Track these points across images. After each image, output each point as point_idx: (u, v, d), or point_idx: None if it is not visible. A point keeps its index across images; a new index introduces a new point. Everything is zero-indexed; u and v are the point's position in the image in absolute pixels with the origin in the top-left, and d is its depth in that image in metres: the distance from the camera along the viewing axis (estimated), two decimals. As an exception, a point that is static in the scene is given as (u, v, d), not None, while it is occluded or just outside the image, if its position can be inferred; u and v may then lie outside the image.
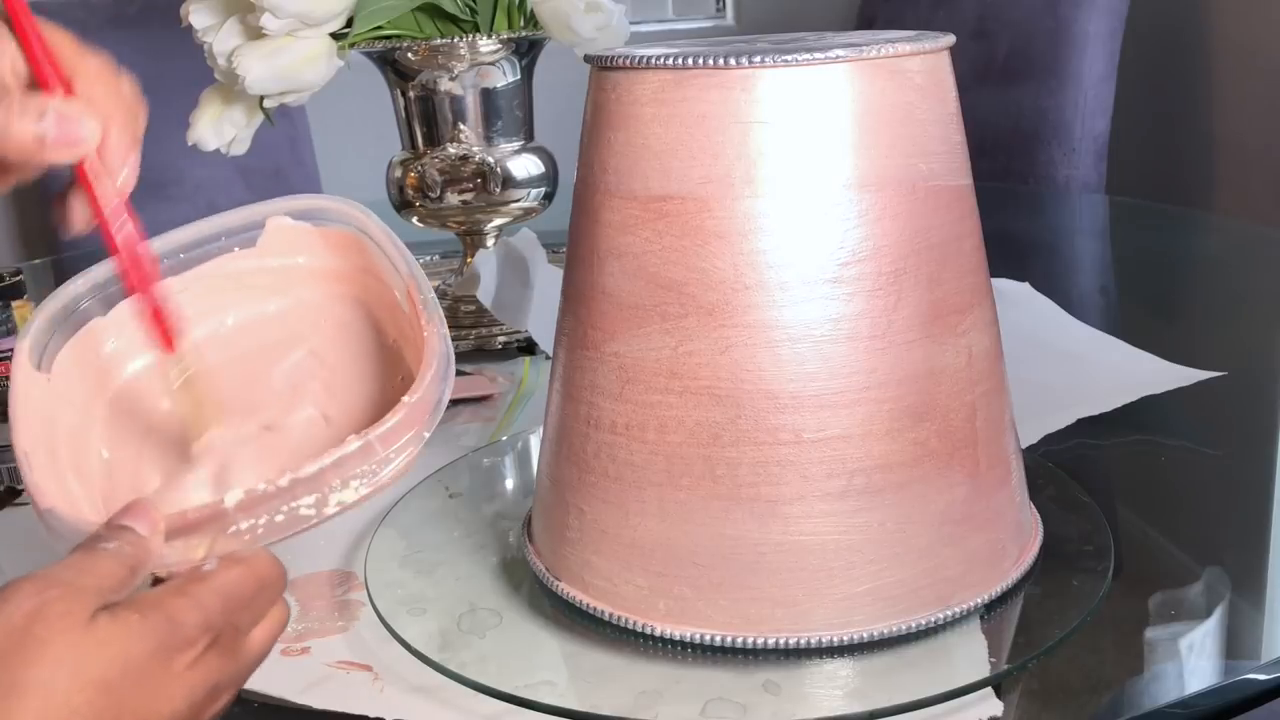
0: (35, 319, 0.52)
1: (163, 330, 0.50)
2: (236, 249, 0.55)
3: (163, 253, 0.54)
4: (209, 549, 0.42)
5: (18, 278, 0.97)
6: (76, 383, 0.52)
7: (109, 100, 0.47)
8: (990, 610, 0.56)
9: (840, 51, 0.51)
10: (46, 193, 1.79)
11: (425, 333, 0.47)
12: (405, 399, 0.45)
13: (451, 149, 1.05)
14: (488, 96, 1.04)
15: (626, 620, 0.56)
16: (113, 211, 0.47)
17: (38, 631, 0.37)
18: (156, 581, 0.43)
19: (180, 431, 0.52)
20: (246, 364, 0.55)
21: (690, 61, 0.52)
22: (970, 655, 0.54)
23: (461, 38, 1.00)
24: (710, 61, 0.51)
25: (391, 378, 0.54)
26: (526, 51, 1.05)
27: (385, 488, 0.45)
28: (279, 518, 0.43)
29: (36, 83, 0.46)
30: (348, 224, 0.55)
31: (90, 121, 0.46)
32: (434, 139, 1.06)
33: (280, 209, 0.56)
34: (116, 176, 0.47)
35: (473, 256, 1.11)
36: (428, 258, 1.28)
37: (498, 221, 1.10)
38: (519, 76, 1.06)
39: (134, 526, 0.42)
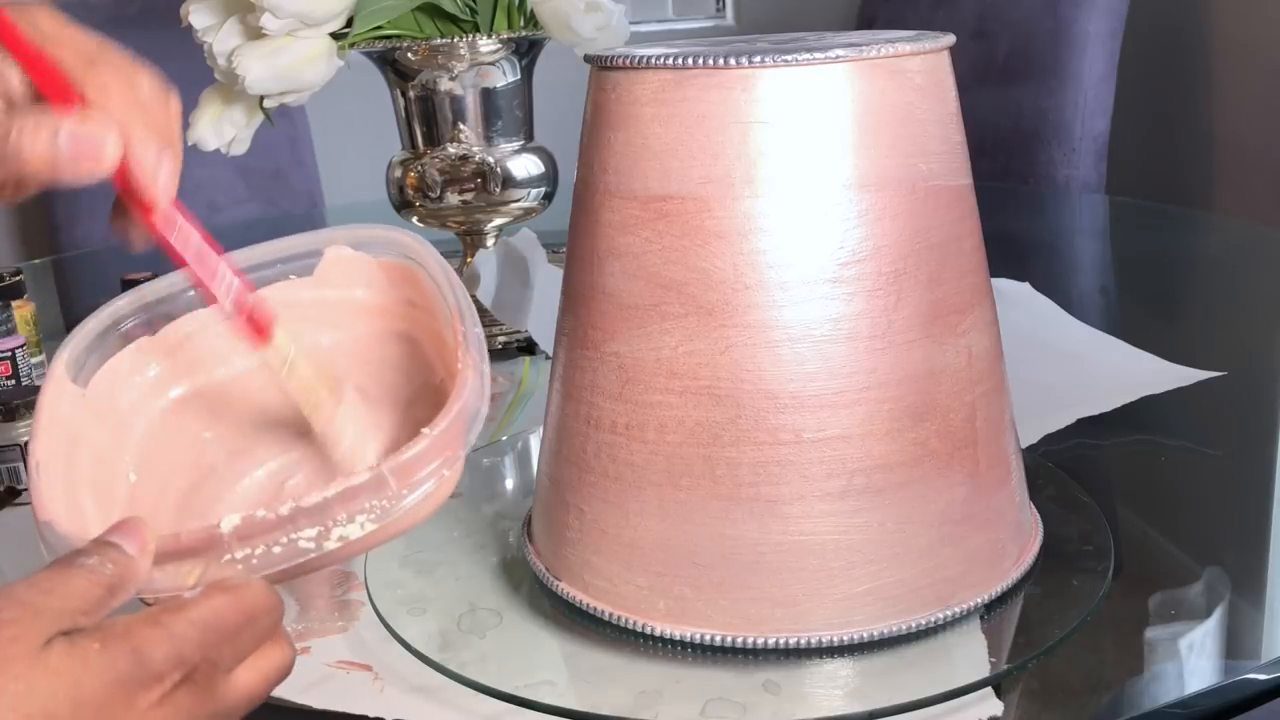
0: (79, 332, 0.50)
1: (253, 324, 0.48)
2: (293, 276, 0.54)
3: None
4: (201, 577, 0.40)
5: (18, 278, 0.97)
6: (113, 402, 0.51)
7: (126, 108, 0.44)
8: (990, 610, 0.56)
9: (840, 51, 0.51)
10: (46, 193, 1.79)
11: (460, 364, 0.45)
12: (426, 430, 0.41)
13: (451, 149, 1.05)
14: (488, 96, 1.04)
15: (626, 620, 0.56)
16: (164, 221, 0.45)
17: None
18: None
19: (207, 462, 0.51)
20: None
21: (690, 61, 0.52)
22: (970, 655, 0.54)
23: (461, 38, 1.00)
24: (710, 61, 0.51)
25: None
26: (526, 51, 1.05)
27: (401, 531, 0.42)
28: (276, 549, 0.40)
29: (45, 100, 0.43)
30: (405, 255, 0.53)
31: (108, 136, 0.43)
32: (434, 139, 1.06)
33: (340, 238, 0.54)
34: (154, 183, 0.45)
35: (473, 256, 1.11)
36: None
37: (498, 221, 1.10)
38: (519, 76, 1.06)
39: (121, 544, 0.39)
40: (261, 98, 0.98)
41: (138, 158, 0.44)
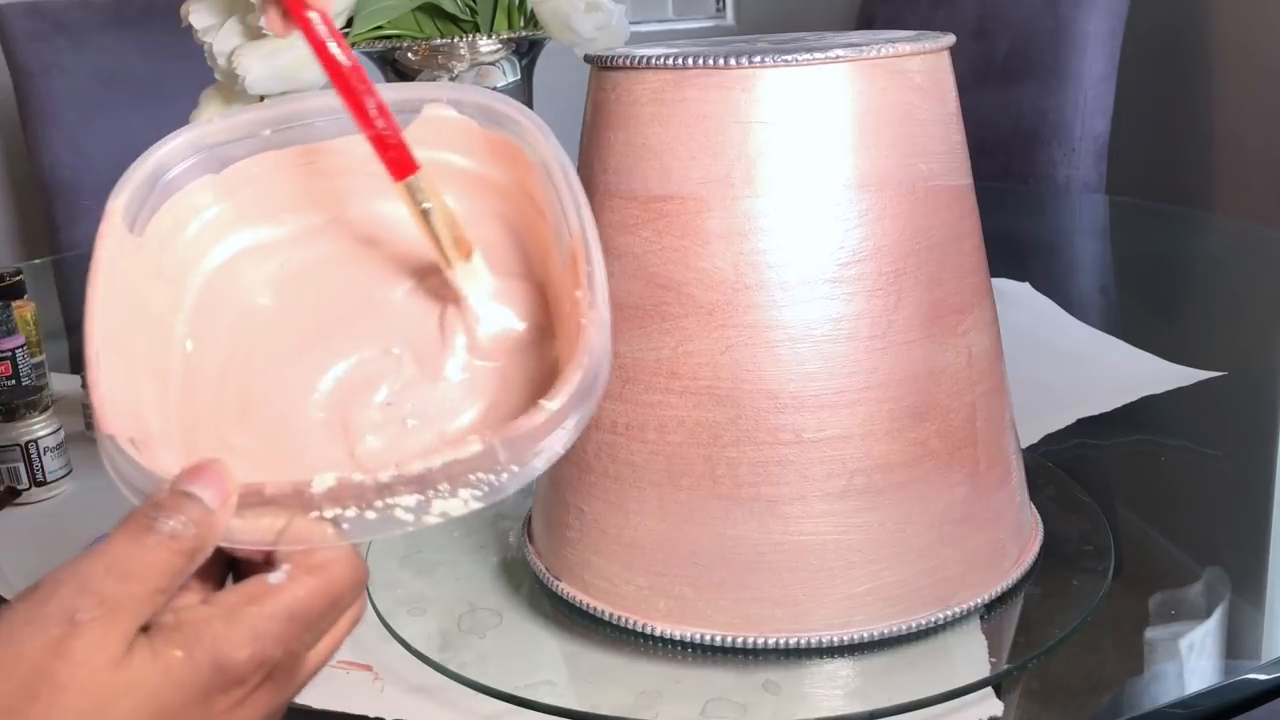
0: (132, 174, 0.44)
1: (390, 153, 0.43)
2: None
3: (294, 116, 0.46)
4: (283, 532, 0.36)
5: (18, 278, 0.97)
6: (170, 251, 0.45)
7: None
8: (990, 610, 0.56)
9: (840, 51, 0.51)
10: (47, 193, 1.79)
11: (583, 320, 0.38)
12: (544, 403, 0.37)
13: (451, 149, 1.05)
14: (488, 96, 1.04)
15: (626, 620, 0.56)
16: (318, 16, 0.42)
17: (59, 674, 0.32)
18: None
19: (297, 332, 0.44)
20: (369, 264, 0.47)
21: (690, 61, 0.52)
22: (970, 655, 0.54)
23: (461, 38, 1.00)
24: (710, 61, 0.51)
25: (535, 330, 0.44)
26: (526, 51, 1.05)
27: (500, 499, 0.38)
28: (370, 514, 0.36)
29: None
30: (520, 137, 0.45)
31: None
32: (434, 139, 1.06)
33: (442, 95, 0.47)
34: None
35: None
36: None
37: (498, 221, 1.10)
38: (519, 76, 1.05)
39: (201, 496, 0.36)
40: (261, 98, 0.98)
41: None
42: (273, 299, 0.46)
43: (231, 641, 0.34)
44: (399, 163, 0.43)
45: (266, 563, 0.37)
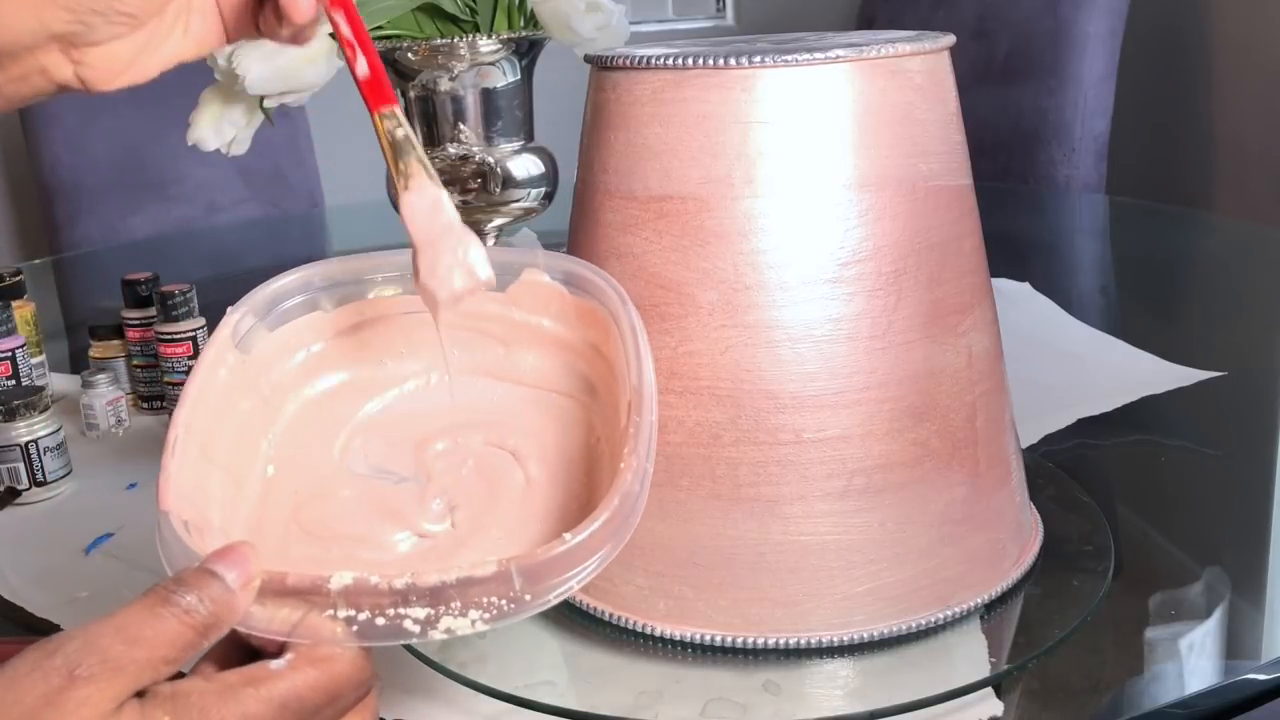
0: (252, 296, 0.48)
1: (372, 88, 0.46)
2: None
3: (405, 265, 0.49)
4: (298, 625, 0.37)
5: (18, 278, 0.97)
6: (269, 373, 0.48)
7: None
8: (990, 610, 0.56)
9: (840, 51, 0.51)
10: (47, 193, 1.79)
11: (622, 464, 0.40)
12: (567, 536, 0.38)
13: (452, 149, 1.05)
14: (488, 96, 1.04)
15: (626, 620, 0.56)
16: None
17: None
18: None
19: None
20: (459, 398, 0.51)
21: (690, 61, 0.52)
22: (970, 655, 0.54)
23: (461, 38, 1.00)
24: (710, 61, 0.51)
25: (589, 474, 0.47)
26: (526, 51, 1.05)
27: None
28: (380, 620, 0.37)
29: None
30: (602, 303, 0.49)
31: None
32: (434, 139, 1.06)
33: (539, 261, 0.51)
34: None
35: (473, 256, 1.11)
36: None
37: (498, 221, 1.10)
38: (519, 76, 1.06)
39: (225, 576, 0.36)
40: (261, 98, 0.98)
41: None
42: (351, 455, 0.48)
43: (220, 716, 0.34)
44: (379, 93, 0.47)
45: (280, 654, 0.37)
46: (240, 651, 0.38)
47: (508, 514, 0.46)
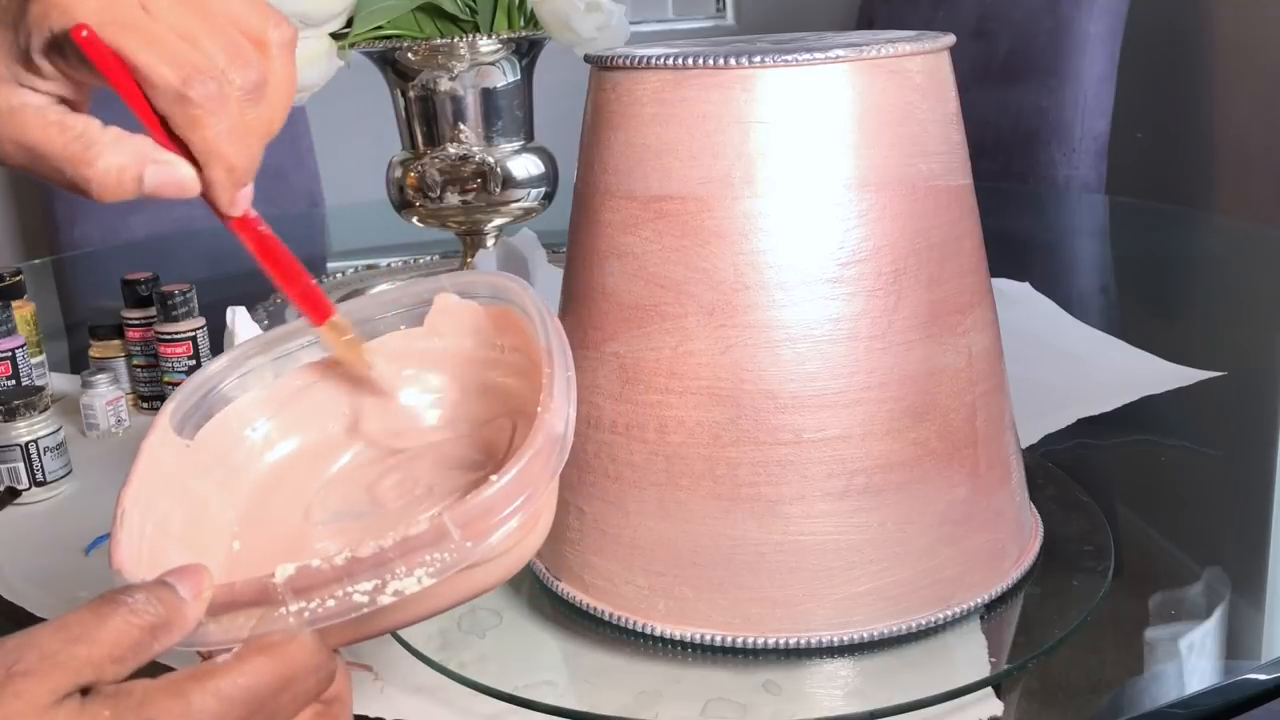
0: (185, 385, 0.49)
1: (311, 304, 0.49)
2: (403, 327, 0.53)
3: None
4: (254, 631, 0.37)
5: (18, 278, 0.97)
6: (220, 456, 0.49)
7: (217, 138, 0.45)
8: (990, 610, 0.56)
9: (840, 51, 0.51)
10: (46, 193, 1.79)
11: (540, 408, 0.41)
12: (494, 478, 0.38)
13: (451, 149, 1.05)
14: (488, 96, 1.04)
15: (626, 620, 0.56)
16: (241, 220, 0.47)
17: None
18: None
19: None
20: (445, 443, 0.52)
21: (690, 61, 0.52)
22: (970, 655, 0.54)
23: (461, 38, 1.01)
24: (710, 61, 0.51)
25: None
26: (526, 51, 1.05)
27: (476, 591, 0.40)
28: (330, 602, 0.37)
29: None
30: (508, 300, 0.51)
31: (187, 172, 0.45)
32: (434, 139, 1.06)
33: (446, 285, 0.53)
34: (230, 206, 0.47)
35: (473, 256, 1.11)
36: (428, 257, 1.28)
37: (498, 221, 1.10)
38: (519, 76, 1.06)
39: (175, 586, 0.36)
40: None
41: (213, 187, 0.46)
42: (312, 513, 0.49)
43: (167, 710, 0.34)
44: (319, 309, 0.49)
45: None
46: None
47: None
